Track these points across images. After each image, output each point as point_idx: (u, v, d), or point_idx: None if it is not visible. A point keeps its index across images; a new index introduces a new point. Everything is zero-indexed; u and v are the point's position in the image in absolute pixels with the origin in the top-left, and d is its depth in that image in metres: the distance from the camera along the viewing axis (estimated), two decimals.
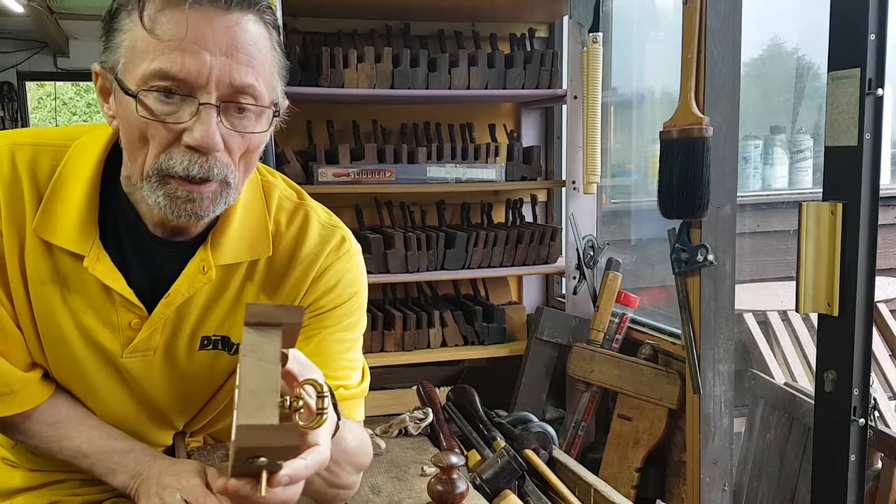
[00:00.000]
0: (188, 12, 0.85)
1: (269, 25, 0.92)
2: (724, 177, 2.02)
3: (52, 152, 1.00)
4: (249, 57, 0.88)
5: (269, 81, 0.92)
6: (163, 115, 0.87)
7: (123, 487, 1.04)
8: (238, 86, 0.87)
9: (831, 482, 1.65)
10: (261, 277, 1.05)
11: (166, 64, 0.85)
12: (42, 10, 4.72)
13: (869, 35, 1.52)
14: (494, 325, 2.81)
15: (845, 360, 1.60)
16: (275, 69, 0.93)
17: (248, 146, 0.92)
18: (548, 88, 2.77)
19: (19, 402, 1.03)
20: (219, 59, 0.86)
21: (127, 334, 1.02)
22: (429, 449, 1.32)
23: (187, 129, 0.87)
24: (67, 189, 0.98)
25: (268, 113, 0.92)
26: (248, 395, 0.67)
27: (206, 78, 0.86)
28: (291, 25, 2.72)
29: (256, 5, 0.90)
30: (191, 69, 0.85)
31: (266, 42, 0.91)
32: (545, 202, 3.15)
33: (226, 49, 0.86)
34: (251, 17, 0.89)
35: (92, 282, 0.98)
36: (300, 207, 1.08)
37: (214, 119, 0.87)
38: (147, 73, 0.85)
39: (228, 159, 0.90)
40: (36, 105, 10.63)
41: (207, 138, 0.86)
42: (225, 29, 0.86)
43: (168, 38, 0.85)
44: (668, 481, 2.34)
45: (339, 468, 0.97)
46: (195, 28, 0.85)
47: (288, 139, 2.79)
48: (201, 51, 0.85)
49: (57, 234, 0.97)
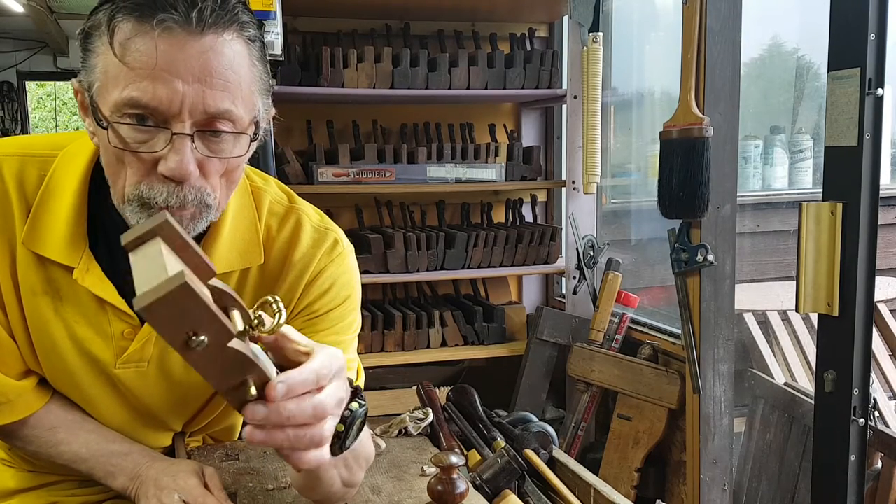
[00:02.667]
0: (158, 39, 0.81)
1: (248, 40, 0.88)
2: (724, 177, 2.02)
3: (38, 163, 0.98)
4: (225, 81, 0.84)
5: (249, 101, 0.88)
6: (136, 145, 0.85)
7: (123, 490, 1.04)
8: (213, 112, 0.84)
9: (831, 482, 1.65)
10: (254, 283, 1.04)
11: (137, 93, 0.82)
12: (42, 10, 4.72)
13: (869, 35, 1.52)
14: (494, 325, 2.81)
15: (845, 360, 1.60)
16: (255, 86, 0.90)
17: (227, 167, 0.89)
18: (548, 88, 2.77)
19: (16, 410, 1.03)
20: (192, 87, 0.82)
21: (120, 344, 1.01)
22: (429, 449, 1.32)
23: (162, 158, 0.84)
24: (55, 200, 0.96)
25: (247, 134, 0.89)
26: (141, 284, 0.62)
27: (179, 106, 0.82)
28: (291, 25, 2.72)
29: (234, 23, 0.85)
30: (162, 98, 0.82)
31: (245, 60, 0.87)
32: (545, 202, 3.15)
33: (199, 75, 0.82)
34: (228, 37, 0.85)
35: (84, 292, 0.98)
36: (291, 211, 1.07)
37: (189, 148, 0.84)
38: (119, 101, 0.83)
39: (203, 183, 0.88)
40: (36, 105, 10.63)
41: (181, 169, 0.84)
42: (198, 55, 0.82)
43: (138, 66, 0.81)
44: (668, 481, 2.34)
45: (357, 465, 0.98)
46: (166, 55, 0.81)
47: (288, 139, 2.79)
48: (173, 79, 0.81)
49: (46, 247, 0.96)
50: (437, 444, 1.38)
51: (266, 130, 0.96)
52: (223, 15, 0.84)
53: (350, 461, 0.96)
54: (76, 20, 5.16)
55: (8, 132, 6.77)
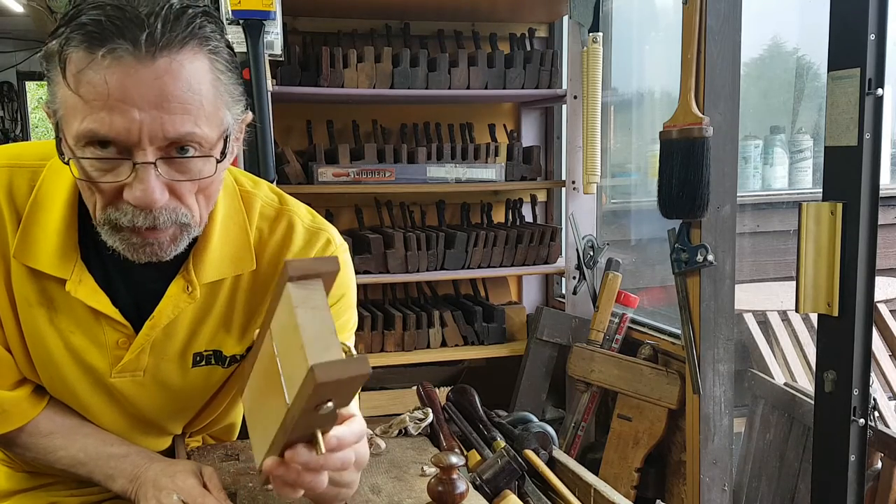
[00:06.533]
0: (107, 70, 0.78)
1: (211, 53, 0.85)
2: (724, 177, 2.02)
3: (28, 173, 0.98)
4: (184, 104, 0.82)
5: (214, 117, 0.86)
6: (98, 175, 0.84)
7: (122, 492, 1.04)
8: (173, 138, 0.82)
9: (831, 482, 1.65)
10: (247, 289, 1.04)
11: (94, 125, 0.80)
12: (42, 10, 4.72)
13: (869, 35, 1.52)
14: (494, 325, 2.81)
15: (845, 360, 1.60)
16: (221, 100, 0.87)
17: (199, 185, 0.88)
18: (548, 88, 2.77)
19: (12, 419, 1.03)
20: (149, 114, 0.80)
21: (115, 353, 1.01)
22: (429, 449, 1.32)
23: (127, 186, 0.83)
24: (45, 211, 0.96)
25: (215, 154, 0.87)
26: (311, 341, 0.69)
27: (138, 135, 0.80)
28: (291, 25, 2.72)
29: (192, 39, 0.82)
30: (120, 129, 0.80)
31: (206, 76, 0.84)
32: (545, 202, 3.15)
33: (155, 101, 0.80)
34: (184, 56, 0.81)
35: (77, 302, 0.97)
36: (283, 213, 1.06)
37: (153, 176, 0.82)
38: (79, 132, 0.81)
39: (177, 204, 0.87)
40: (36, 105, 10.62)
41: (146, 198, 0.83)
42: (151, 81, 0.79)
43: (92, 97, 0.79)
44: (668, 481, 2.34)
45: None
46: (119, 84, 0.79)
47: (288, 139, 2.79)
48: (129, 108, 0.79)
49: (37, 259, 0.95)
50: (437, 444, 1.38)
51: (239, 136, 0.94)
52: (176, 34, 0.81)
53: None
54: None
55: (8, 132, 6.77)
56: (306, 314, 0.72)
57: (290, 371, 0.72)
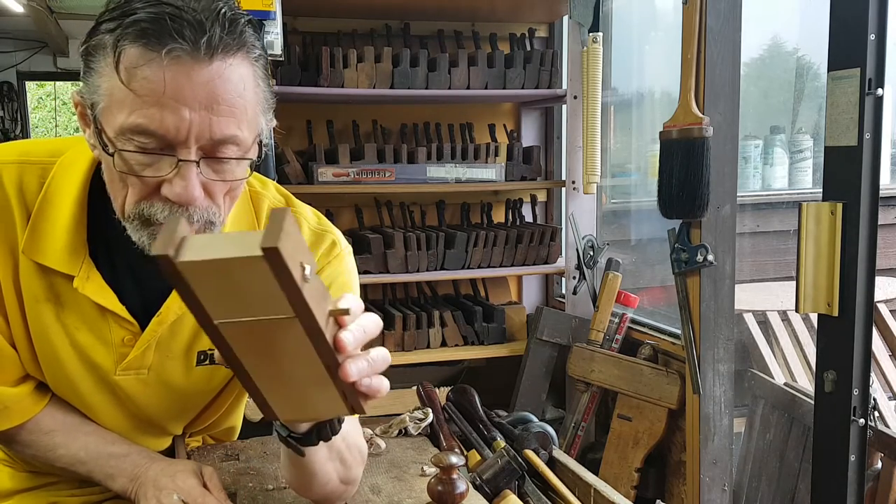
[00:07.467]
0: (166, 67, 0.80)
1: (254, 61, 0.88)
2: (724, 177, 2.02)
3: (38, 170, 0.98)
4: (231, 107, 0.84)
5: (254, 122, 0.89)
6: (140, 168, 0.85)
7: (123, 491, 1.04)
8: (219, 139, 0.84)
9: (831, 482, 1.65)
10: None
11: (144, 119, 0.82)
12: (42, 10, 4.72)
13: (869, 35, 1.52)
14: (494, 325, 2.81)
15: (845, 360, 1.60)
16: (259, 107, 0.90)
17: (230, 186, 0.90)
18: (548, 88, 2.77)
19: (13, 416, 1.03)
20: (199, 114, 0.82)
21: (120, 350, 1.01)
22: (429, 449, 1.32)
23: (167, 182, 0.85)
24: (54, 208, 0.96)
25: (250, 158, 0.90)
26: (234, 251, 0.61)
27: (186, 134, 0.82)
28: (291, 25, 2.72)
29: (242, 47, 0.85)
30: (170, 126, 0.82)
31: (251, 82, 0.87)
32: (545, 202, 3.15)
33: (206, 103, 0.82)
34: (235, 61, 0.84)
35: (84, 299, 0.98)
36: None
37: (194, 174, 0.85)
38: (125, 126, 0.82)
39: (209, 203, 0.88)
40: (36, 105, 10.63)
41: (186, 195, 0.84)
42: (205, 82, 0.82)
43: (145, 93, 0.81)
44: (668, 481, 2.34)
45: (352, 457, 0.99)
46: (174, 83, 0.80)
47: (288, 139, 2.79)
48: (180, 107, 0.81)
49: (46, 255, 0.96)
50: (437, 444, 1.38)
51: (267, 142, 0.95)
52: (232, 40, 0.83)
53: (344, 453, 0.96)
54: (76, 20, 5.15)
55: (8, 132, 6.76)
56: (211, 243, 0.64)
57: (260, 303, 0.65)
